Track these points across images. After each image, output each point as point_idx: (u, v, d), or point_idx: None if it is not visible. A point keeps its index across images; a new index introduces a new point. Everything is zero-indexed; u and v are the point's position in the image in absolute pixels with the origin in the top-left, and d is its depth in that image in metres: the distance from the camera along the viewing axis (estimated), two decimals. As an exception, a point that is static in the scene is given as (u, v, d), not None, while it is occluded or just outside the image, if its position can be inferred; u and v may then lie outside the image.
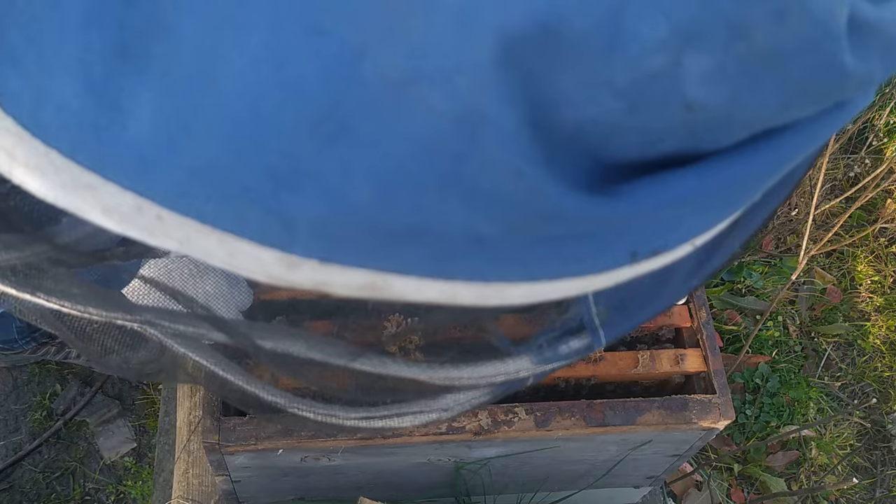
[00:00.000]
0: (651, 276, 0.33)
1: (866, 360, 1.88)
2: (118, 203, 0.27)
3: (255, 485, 1.08)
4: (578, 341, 0.44)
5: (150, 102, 0.25)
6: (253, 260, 0.27)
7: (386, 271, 0.28)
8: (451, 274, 0.29)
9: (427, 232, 0.27)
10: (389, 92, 0.24)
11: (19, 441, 1.59)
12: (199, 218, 0.27)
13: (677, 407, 1.01)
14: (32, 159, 0.27)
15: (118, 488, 1.57)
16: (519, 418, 0.98)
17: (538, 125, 0.25)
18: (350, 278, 0.28)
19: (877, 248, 1.99)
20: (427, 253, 0.28)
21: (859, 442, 1.79)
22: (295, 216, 0.26)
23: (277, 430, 0.94)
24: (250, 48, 0.24)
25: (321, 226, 0.27)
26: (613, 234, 0.30)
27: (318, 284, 0.28)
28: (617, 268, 0.31)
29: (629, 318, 0.43)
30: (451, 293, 0.29)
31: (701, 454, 1.68)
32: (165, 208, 0.27)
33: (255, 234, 0.27)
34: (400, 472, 1.08)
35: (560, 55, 0.24)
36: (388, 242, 0.27)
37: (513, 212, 0.27)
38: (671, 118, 0.27)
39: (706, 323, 1.07)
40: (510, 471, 1.11)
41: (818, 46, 0.26)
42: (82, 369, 1.65)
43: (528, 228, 0.28)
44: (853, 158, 2.05)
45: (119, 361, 0.48)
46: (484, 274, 0.29)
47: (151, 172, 0.26)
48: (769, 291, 1.85)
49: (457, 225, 0.27)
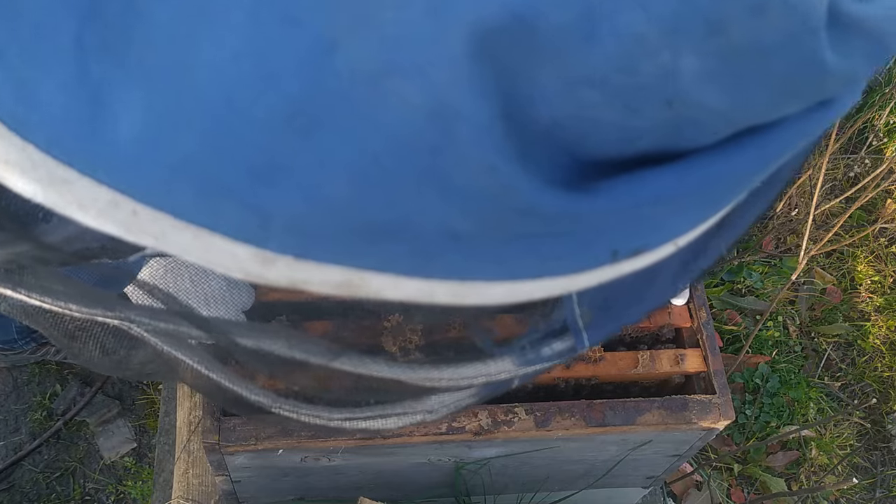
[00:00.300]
0: (635, 276, 0.33)
1: (866, 360, 1.88)
2: (94, 198, 0.27)
3: (255, 485, 1.08)
4: (561, 343, 0.43)
5: (127, 96, 0.25)
6: (228, 256, 0.27)
7: (362, 269, 0.28)
8: (429, 272, 0.28)
9: (404, 228, 0.27)
10: (363, 85, 0.24)
11: (19, 441, 1.59)
12: (174, 213, 0.27)
13: (677, 407, 1.01)
14: (11, 154, 0.26)
15: (118, 488, 1.57)
16: (519, 418, 0.98)
17: (512, 120, 0.25)
18: (326, 275, 0.28)
19: (877, 248, 1.99)
20: (404, 250, 0.27)
21: (859, 442, 1.79)
22: (271, 211, 0.26)
23: (277, 431, 0.94)
24: (224, 40, 0.24)
25: (297, 221, 0.26)
26: (592, 232, 0.29)
27: (294, 282, 0.28)
28: (598, 267, 0.31)
29: (614, 320, 0.43)
30: (428, 292, 0.29)
31: (701, 454, 1.68)
32: (141, 203, 0.26)
33: (231, 230, 0.27)
34: (400, 472, 1.08)
35: (535, 49, 0.24)
36: (365, 239, 0.27)
37: (488, 207, 0.27)
38: (650, 115, 0.26)
39: (706, 323, 1.07)
40: (510, 471, 1.11)
41: (797, 42, 0.26)
42: (82, 369, 1.65)
43: (504, 225, 0.27)
44: (853, 158, 2.05)
45: (110, 361, 0.48)
46: (462, 272, 0.29)
47: (127, 167, 0.26)
48: (769, 291, 1.85)
49: (433, 221, 0.27)
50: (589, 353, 1.03)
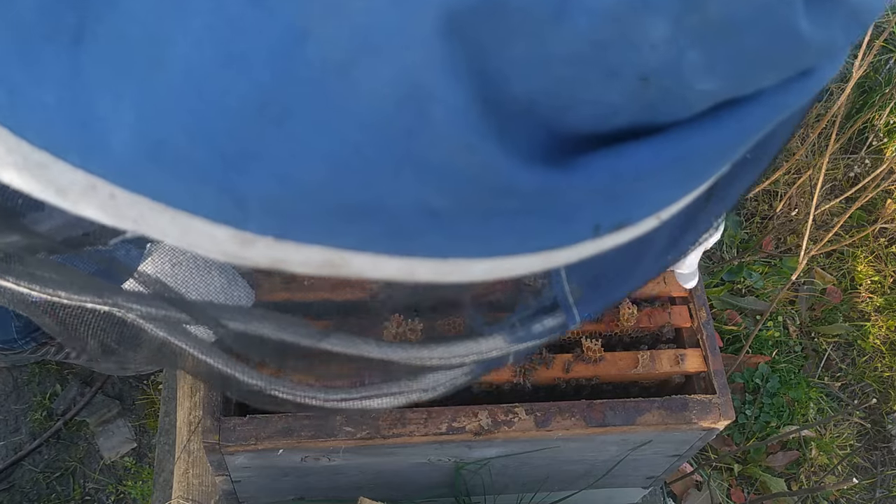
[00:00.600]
0: (621, 251, 0.33)
1: (866, 360, 1.88)
2: (71, 182, 0.27)
3: (255, 485, 1.08)
4: (552, 319, 0.43)
5: (100, 79, 0.25)
6: (207, 237, 0.27)
7: (343, 248, 0.28)
8: (408, 250, 0.28)
9: (381, 209, 0.27)
10: (334, 74, 0.24)
11: (19, 441, 1.59)
12: (151, 196, 0.27)
13: (677, 407, 1.01)
14: None
15: (118, 488, 1.57)
16: (519, 418, 0.98)
17: (488, 99, 0.25)
18: (307, 255, 0.28)
19: (877, 248, 1.99)
20: (382, 230, 0.27)
21: (859, 442, 1.79)
22: (246, 194, 0.26)
23: (277, 430, 0.94)
24: (194, 28, 0.24)
25: (273, 204, 0.26)
26: (572, 207, 0.29)
27: (275, 262, 0.28)
28: (579, 242, 0.31)
29: (604, 296, 0.43)
30: (408, 270, 0.29)
31: (701, 454, 1.68)
32: (118, 186, 0.26)
33: (209, 212, 0.27)
34: (400, 472, 1.08)
35: (506, 26, 0.24)
36: (343, 220, 0.27)
37: (466, 186, 0.26)
38: (625, 90, 0.26)
39: (706, 323, 1.07)
40: (510, 471, 1.11)
41: (772, 12, 0.25)
42: (82, 369, 1.65)
43: (482, 203, 0.27)
44: (853, 158, 2.05)
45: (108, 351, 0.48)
46: (442, 250, 0.29)
47: (103, 150, 0.26)
48: (769, 291, 1.85)
49: (410, 200, 0.27)
50: (589, 353, 1.03)
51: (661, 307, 1.09)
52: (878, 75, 2.12)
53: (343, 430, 0.95)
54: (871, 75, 2.11)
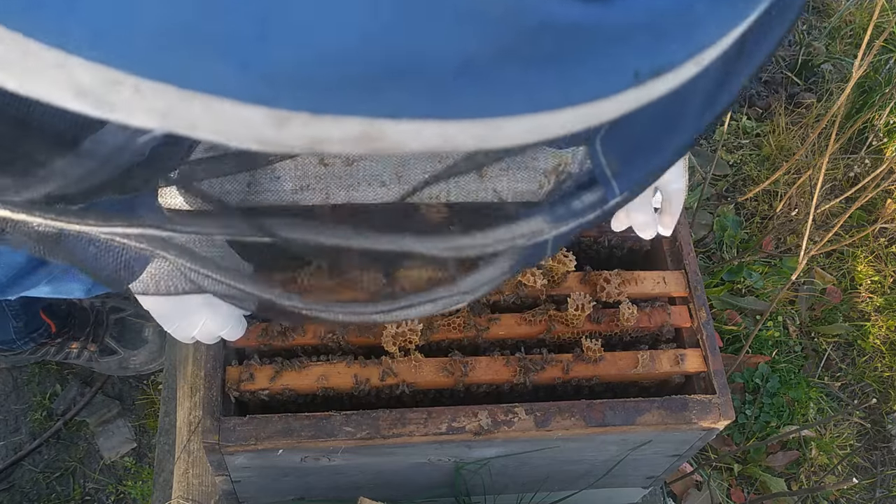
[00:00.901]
0: (658, 115, 0.32)
1: (866, 360, 1.88)
2: (91, 80, 0.25)
3: (255, 485, 1.08)
4: (591, 194, 0.42)
5: None
6: (241, 123, 0.26)
7: (379, 117, 0.27)
8: (446, 112, 0.28)
9: (417, 66, 0.26)
10: None
11: (19, 441, 1.60)
12: (178, 83, 0.25)
13: (677, 407, 1.01)
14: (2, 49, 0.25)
15: (118, 488, 1.57)
16: (519, 418, 0.98)
17: None
18: (344, 130, 0.27)
19: (877, 248, 1.99)
20: (419, 88, 0.27)
21: (859, 442, 1.79)
22: (275, 66, 0.25)
23: (277, 430, 0.94)
24: None
25: (303, 73, 0.25)
26: (611, 47, 0.28)
27: (313, 142, 0.27)
28: (621, 91, 0.30)
29: (641, 167, 0.42)
30: (446, 136, 0.28)
31: (701, 454, 1.68)
32: (142, 77, 0.25)
33: (239, 92, 0.26)
34: (400, 472, 1.08)
35: None
36: (378, 84, 0.26)
37: (502, 26, 0.26)
38: None
39: (706, 323, 1.07)
40: (510, 471, 1.11)
41: None
42: (82, 369, 1.65)
43: (519, 47, 0.27)
44: (853, 158, 2.05)
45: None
46: (481, 110, 0.28)
47: (120, 39, 0.25)
48: (769, 291, 1.85)
49: (448, 50, 0.26)
50: (589, 353, 1.03)
51: (661, 307, 1.09)
52: (878, 75, 2.12)
53: (343, 430, 0.95)
54: (871, 75, 2.11)
